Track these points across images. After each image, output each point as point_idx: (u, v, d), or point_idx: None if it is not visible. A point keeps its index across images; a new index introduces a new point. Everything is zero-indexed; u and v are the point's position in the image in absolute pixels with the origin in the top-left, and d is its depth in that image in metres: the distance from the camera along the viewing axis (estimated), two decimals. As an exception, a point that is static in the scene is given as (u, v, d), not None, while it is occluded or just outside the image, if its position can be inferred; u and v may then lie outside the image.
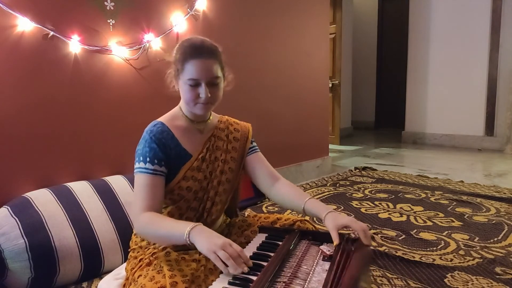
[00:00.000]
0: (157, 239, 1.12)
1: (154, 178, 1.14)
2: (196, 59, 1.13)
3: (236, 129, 1.35)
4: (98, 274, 1.69)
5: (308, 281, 0.92)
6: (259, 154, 1.37)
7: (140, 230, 1.12)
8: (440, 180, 3.37)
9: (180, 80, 1.17)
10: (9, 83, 1.76)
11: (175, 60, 1.18)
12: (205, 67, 1.13)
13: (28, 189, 1.76)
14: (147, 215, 1.09)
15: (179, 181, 1.19)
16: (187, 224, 1.02)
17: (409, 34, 5.60)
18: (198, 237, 0.98)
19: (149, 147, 1.15)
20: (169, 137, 1.19)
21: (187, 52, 1.14)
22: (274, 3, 3.11)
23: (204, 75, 1.13)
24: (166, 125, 1.20)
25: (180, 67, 1.15)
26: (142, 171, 1.13)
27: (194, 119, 1.25)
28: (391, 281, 1.60)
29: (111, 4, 2.08)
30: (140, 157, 1.15)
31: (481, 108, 4.95)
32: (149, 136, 1.16)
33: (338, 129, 5.33)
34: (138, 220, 1.10)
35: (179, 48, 1.18)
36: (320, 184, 3.33)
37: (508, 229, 2.17)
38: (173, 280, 1.00)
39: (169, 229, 1.05)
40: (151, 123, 1.21)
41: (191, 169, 1.20)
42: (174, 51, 1.20)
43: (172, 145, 1.19)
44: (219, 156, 1.28)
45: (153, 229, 1.07)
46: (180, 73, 1.16)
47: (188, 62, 1.13)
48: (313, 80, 3.59)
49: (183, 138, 1.22)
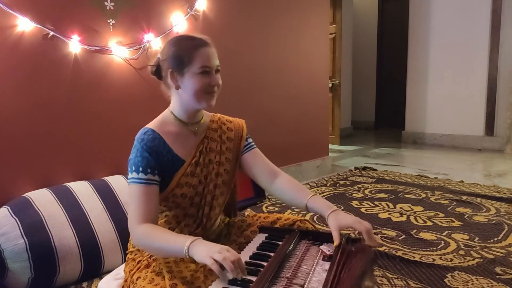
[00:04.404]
0: (155, 252, 1.09)
1: (148, 188, 1.10)
2: (205, 47, 1.13)
3: (229, 128, 1.32)
4: (98, 274, 1.69)
5: (308, 281, 0.91)
6: (256, 150, 1.33)
7: (137, 242, 1.10)
8: (440, 180, 3.37)
9: (188, 73, 1.12)
10: (9, 83, 1.76)
11: (175, 54, 1.13)
12: (213, 55, 1.15)
13: (28, 189, 1.76)
14: (144, 227, 1.05)
15: (173, 188, 1.16)
16: (186, 238, 0.98)
17: (409, 34, 5.59)
18: (196, 250, 0.94)
19: (141, 156, 1.11)
20: (160, 144, 1.15)
21: (191, 44, 1.13)
22: (274, 3, 3.11)
23: (214, 63, 1.15)
24: (156, 132, 1.16)
25: (187, 59, 1.12)
26: (135, 181, 1.10)
27: (188, 121, 1.22)
28: (391, 281, 1.60)
29: (111, 4, 2.08)
30: (132, 167, 1.11)
31: (481, 108, 4.94)
32: (140, 145, 1.12)
33: (338, 129, 5.33)
34: (134, 233, 1.07)
35: (177, 43, 1.15)
36: (320, 184, 3.32)
37: (508, 229, 2.17)
38: (172, 282, 0.99)
39: (168, 243, 1.01)
40: (141, 131, 1.17)
41: (185, 175, 1.17)
42: (165, 50, 1.17)
43: (164, 152, 1.15)
44: (213, 158, 1.24)
45: (150, 243, 1.04)
46: (186, 65, 1.12)
47: (198, 51, 1.12)
48: (313, 80, 3.59)
49: (175, 144, 1.18)
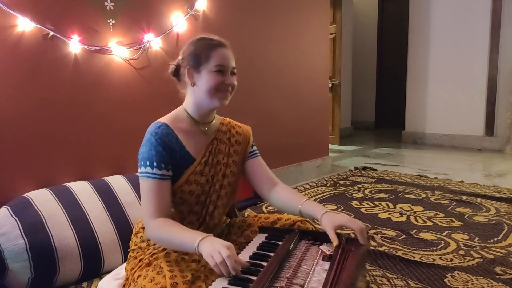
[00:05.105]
0: (169, 246, 1.12)
1: (162, 183, 1.12)
2: (222, 48, 1.19)
3: (238, 133, 1.35)
4: (98, 274, 1.69)
5: (308, 281, 0.92)
6: (259, 158, 1.36)
7: (151, 236, 1.13)
8: (440, 180, 3.37)
9: (204, 70, 1.16)
10: (9, 83, 1.76)
11: (193, 53, 1.18)
12: (230, 57, 1.20)
13: (28, 189, 1.76)
14: (158, 221, 1.09)
15: (181, 185, 1.18)
16: (198, 235, 1.02)
17: (409, 34, 5.60)
18: (203, 248, 0.98)
19: (155, 150, 1.11)
20: (173, 139, 1.16)
21: (210, 43, 1.19)
22: (274, 3, 3.11)
23: (229, 64, 1.19)
24: (170, 127, 1.17)
25: (204, 56, 1.16)
26: (150, 176, 1.11)
27: (200, 120, 1.24)
28: (391, 281, 1.60)
29: (111, 4, 2.08)
30: (146, 161, 1.11)
31: (481, 108, 4.95)
32: (155, 138, 1.12)
33: (338, 129, 5.33)
34: (149, 227, 1.10)
35: (197, 42, 1.21)
36: (320, 184, 3.32)
37: (508, 229, 2.17)
38: (173, 281, 0.99)
39: (180, 239, 1.04)
40: (154, 124, 1.17)
41: (194, 173, 1.19)
42: (186, 49, 1.22)
43: (177, 148, 1.16)
44: (221, 159, 1.27)
45: (164, 237, 1.08)
46: (203, 63, 1.16)
47: (216, 50, 1.17)
48: (313, 80, 3.59)
49: (187, 141, 1.19)
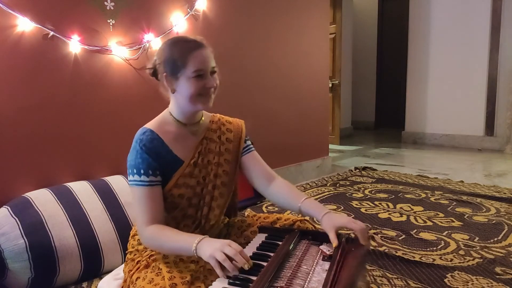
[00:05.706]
0: (166, 252, 1.11)
1: (151, 189, 1.11)
2: (198, 50, 1.12)
3: (229, 129, 1.31)
4: (98, 274, 1.69)
5: (308, 281, 0.91)
6: (254, 153, 1.33)
7: (147, 244, 1.12)
8: (440, 180, 3.37)
9: (182, 77, 1.12)
10: (9, 83, 1.76)
11: (169, 59, 1.13)
12: (208, 57, 1.14)
13: (28, 189, 1.76)
14: (152, 229, 1.08)
15: (170, 188, 1.16)
16: (193, 238, 1.01)
17: (409, 34, 5.59)
18: (202, 250, 0.97)
19: (141, 158, 1.11)
20: (159, 144, 1.14)
21: (185, 46, 1.12)
22: (274, 3, 3.11)
23: (208, 66, 1.13)
24: (155, 132, 1.15)
25: (180, 63, 1.11)
26: (138, 184, 1.10)
27: (187, 122, 1.21)
28: (391, 281, 1.60)
29: (111, 4, 2.08)
30: (133, 169, 1.11)
31: (481, 108, 4.94)
32: (140, 146, 1.12)
33: (338, 129, 5.32)
34: (143, 235, 1.10)
35: (171, 46, 1.15)
36: (320, 184, 3.32)
37: (508, 229, 2.17)
38: (172, 282, 0.99)
39: (177, 244, 1.04)
40: (139, 131, 1.16)
41: (183, 176, 1.17)
42: (160, 53, 1.16)
43: (163, 152, 1.14)
44: (212, 159, 1.24)
45: (160, 243, 1.07)
46: (180, 69, 1.11)
47: (191, 55, 1.11)
48: (313, 80, 3.59)
49: (174, 144, 1.17)
